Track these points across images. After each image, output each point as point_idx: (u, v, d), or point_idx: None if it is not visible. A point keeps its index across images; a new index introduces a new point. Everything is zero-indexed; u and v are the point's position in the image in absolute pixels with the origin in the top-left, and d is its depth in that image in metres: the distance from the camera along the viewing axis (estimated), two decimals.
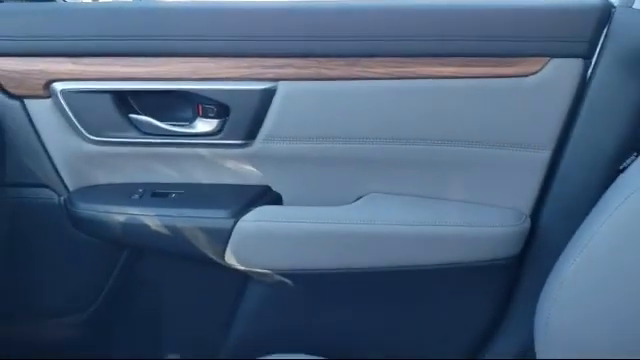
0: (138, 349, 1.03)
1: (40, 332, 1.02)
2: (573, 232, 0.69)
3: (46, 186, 0.92)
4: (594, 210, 0.67)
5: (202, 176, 0.93)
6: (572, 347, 0.66)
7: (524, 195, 0.89)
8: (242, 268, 0.89)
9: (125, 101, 0.89)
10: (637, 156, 0.78)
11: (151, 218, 0.88)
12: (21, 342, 1.01)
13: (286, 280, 0.91)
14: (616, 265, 0.62)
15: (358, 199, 0.92)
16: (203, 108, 0.89)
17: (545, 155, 0.87)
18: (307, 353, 0.86)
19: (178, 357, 1.03)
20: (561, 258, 0.69)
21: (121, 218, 0.89)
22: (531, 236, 0.89)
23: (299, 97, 0.86)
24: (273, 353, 0.86)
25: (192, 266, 0.95)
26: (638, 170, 0.66)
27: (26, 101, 0.88)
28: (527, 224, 0.88)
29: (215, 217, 0.88)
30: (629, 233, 0.61)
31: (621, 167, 0.81)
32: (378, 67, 0.84)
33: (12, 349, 1.01)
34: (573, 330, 0.66)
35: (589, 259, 0.64)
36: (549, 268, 0.70)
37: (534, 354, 0.70)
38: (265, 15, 0.85)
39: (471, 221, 0.87)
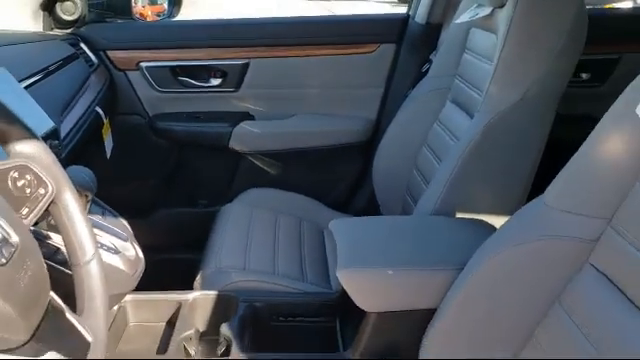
0: (182, 197, 1.98)
1: (132, 189, 1.94)
2: None
3: (138, 114, 1.84)
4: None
5: (214, 107, 1.86)
6: (390, 177, 1.61)
7: (370, 111, 1.84)
8: (238, 150, 1.84)
9: (176, 71, 1.81)
10: (413, 88, 1.71)
11: (191, 128, 1.82)
12: (123, 196, 1.95)
13: (261, 156, 1.86)
14: (410, 127, 1.56)
15: (292, 116, 1.86)
16: (214, 73, 1.82)
17: (380, 91, 1.82)
18: None
19: (205, 202, 1.98)
20: None
21: (176, 128, 1.82)
22: (376, 130, 1.85)
23: (261, 67, 1.79)
24: None
25: (211, 152, 1.88)
26: (415, 92, 1.60)
27: (127, 72, 1.79)
28: (372, 124, 1.84)
29: (223, 125, 1.81)
30: (415, 112, 1.56)
31: (406, 93, 1.75)
32: (295, 50, 1.77)
33: (117, 202, 1.95)
34: (388, 170, 1.62)
35: (393, 129, 1.59)
36: None
37: None
38: (244, 27, 1.77)
39: (343, 124, 1.83)
